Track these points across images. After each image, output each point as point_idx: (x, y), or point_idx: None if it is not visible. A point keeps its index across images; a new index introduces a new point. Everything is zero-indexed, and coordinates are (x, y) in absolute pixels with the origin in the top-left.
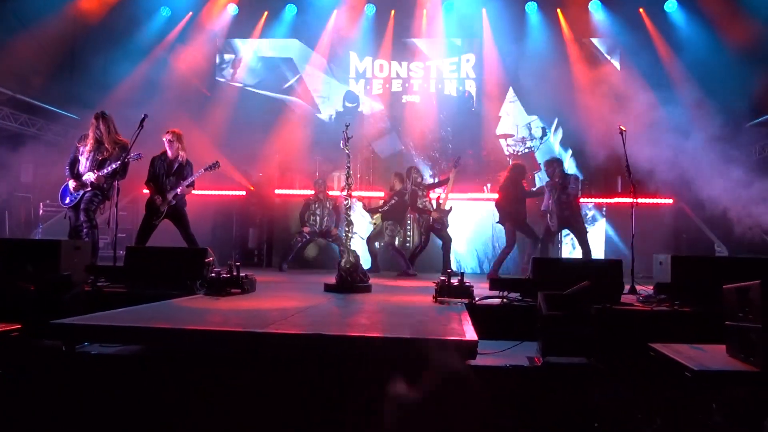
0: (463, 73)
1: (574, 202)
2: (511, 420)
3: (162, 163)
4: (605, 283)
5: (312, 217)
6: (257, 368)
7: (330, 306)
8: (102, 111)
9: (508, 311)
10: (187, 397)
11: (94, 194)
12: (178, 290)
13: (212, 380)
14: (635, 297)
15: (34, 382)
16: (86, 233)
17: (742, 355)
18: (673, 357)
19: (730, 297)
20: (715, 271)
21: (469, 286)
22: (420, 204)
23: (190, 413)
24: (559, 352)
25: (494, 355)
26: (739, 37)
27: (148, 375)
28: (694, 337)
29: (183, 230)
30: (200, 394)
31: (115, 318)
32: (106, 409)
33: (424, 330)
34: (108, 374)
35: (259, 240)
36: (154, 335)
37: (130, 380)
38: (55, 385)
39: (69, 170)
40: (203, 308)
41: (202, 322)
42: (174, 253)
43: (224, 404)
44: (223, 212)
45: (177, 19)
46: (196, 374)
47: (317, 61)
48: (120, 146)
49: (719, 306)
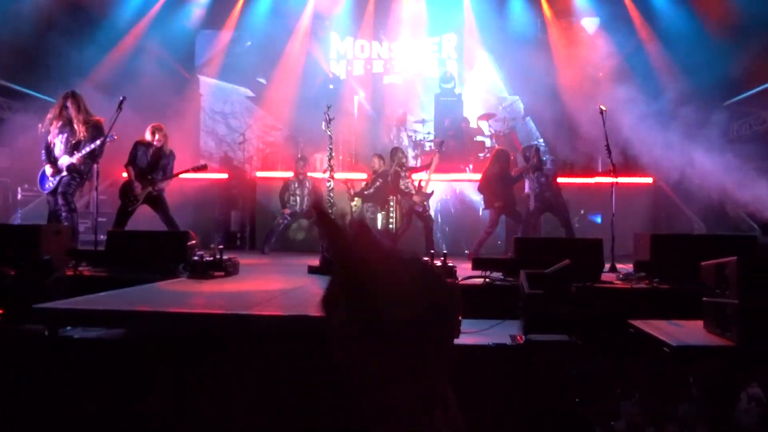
0: (444, 53)
1: (553, 183)
2: (493, 396)
3: (145, 151)
4: (586, 261)
5: (292, 197)
6: (242, 350)
7: (314, 287)
8: (72, 90)
9: (490, 290)
10: (171, 379)
11: (72, 177)
12: (160, 274)
13: (196, 363)
14: (615, 275)
15: (16, 366)
16: (65, 217)
17: (719, 330)
18: (652, 333)
19: (707, 274)
20: (692, 248)
21: (452, 267)
22: (403, 186)
23: (175, 396)
24: (541, 329)
25: (477, 334)
26: (718, 15)
27: (132, 358)
28: (672, 314)
29: (163, 214)
30: (184, 376)
31: (97, 302)
32: (90, 392)
33: None
34: (91, 358)
35: (241, 223)
36: (137, 318)
37: (114, 364)
38: (38, 370)
39: (45, 155)
40: (186, 291)
41: (186, 305)
42: (156, 236)
43: (209, 386)
44: (204, 195)
45: None
46: (180, 357)
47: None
48: (93, 126)
49: (697, 283)
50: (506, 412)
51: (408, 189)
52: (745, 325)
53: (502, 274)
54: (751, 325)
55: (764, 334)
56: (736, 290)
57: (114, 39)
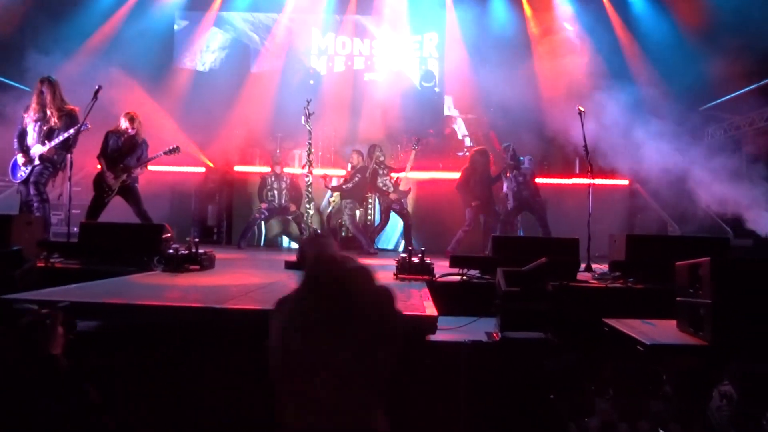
0: (426, 51)
1: (531, 182)
2: (468, 393)
3: (117, 140)
4: (562, 260)
5: (269, 192)
6: (217, 344)
7: (291, 282)
8: (48, 76)
9: (467, 288)
10: (145, 373)
11: (44, 167)
12: (134, 267)
13: (171, 357)
14: (591, 274)
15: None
16: (37, 207)
17: (692, 330)
18: (627, 332)
19: (681, 274)
20: (667, 249)
21: (429, 264)
22: (380, 183)
23: (149, 389)
24: (517, 327)
25: (453, 331)
26: (694, 22)
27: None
28: (646, 313)
29: (135, 207)
30: (158, 370)
31: (68, 293)
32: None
33: None
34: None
35: (218, 217)
36: (110, 310)
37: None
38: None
39: (18, 144)
40: (161, 284)
41: (160, 298)
42: (130, 229)
43: (183, 380)
44: (181, 189)
45: None
46: (154, 350)
47: (279, 37)
48: (67, 114)
49: (671, 283)
50: (481, 408)
51: (386, 187)
52: (718, 324)
53: (479, 272)
54: (723, 324)
55: (736, 333)
56: (709, 290)
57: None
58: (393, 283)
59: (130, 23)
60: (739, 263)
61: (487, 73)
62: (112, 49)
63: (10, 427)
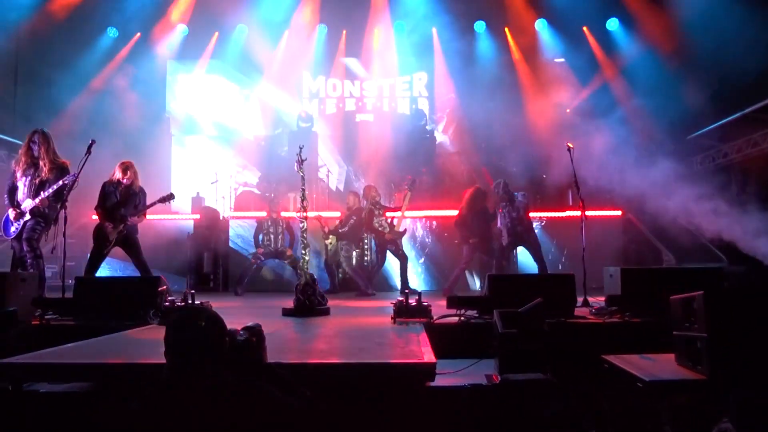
0: (415, 91)
1: (525, 218)
2: None
3: (114, 190)
4: (559, 297)
5: (266, 237)
6: None
7: (288, 331)
8: (41, 129)
9: (465, 329)
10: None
11: (36, 222)
12: (130, 321)
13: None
14: (588, 310)
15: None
16: (30, 264)
17: (690, 364)
18: (625, 368)
19: (676, 307)
20: (662, 282)
21: (426, 306)
22: (376, 223)
23: None
24: (516, 368)
25: (453, 375)
26: (675, 53)
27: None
28: (645, 347)
29: (135, 257)
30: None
31: (63, 354)
32: None
33: (383, 354)
34: (59, 413)
35: (214, 264)
36: (105, 371)
37: (83, 418)
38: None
39: (8, 198)
40: (157, 339)
41: (156, 355)
42: (126, 282)
43: None
44: (176, 237)
45: (125, 40)
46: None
47: (269, 82)
48: (58, 168)
49: (667, 316)
50: None
51: (382, 227)
52: (715, 358)
53: (477, 312)
54: (720, 357)
55: (734, 366)
56: (704, 324)
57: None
58: (391, 328)
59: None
60: (733, 295)
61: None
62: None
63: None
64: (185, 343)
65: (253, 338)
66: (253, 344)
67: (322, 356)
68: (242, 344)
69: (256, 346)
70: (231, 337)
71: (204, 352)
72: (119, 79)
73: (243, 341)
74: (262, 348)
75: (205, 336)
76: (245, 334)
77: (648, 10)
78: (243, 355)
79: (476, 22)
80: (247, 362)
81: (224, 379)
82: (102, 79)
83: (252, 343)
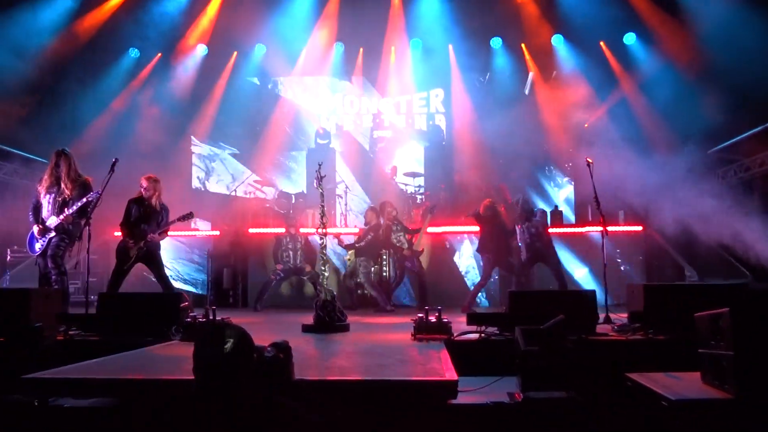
0: (432, 107)
1: (544, 234)
2: None
3: (138, 208)
4: (580, 313)
5: (284, 253)
6: None
7: (308, 348)
8: (62, 148)
9: (486, 346)
10: None
11: (60, 239)
12: (152, 337)
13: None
14: (610, 326)
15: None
16: (55, 280)
17: (717, 382)
18: (650, 386)
19: (701, 325)
20: (686, 298)
21: (447, 323)
22: (394, 239)
23: None
24: (539, 386)
25: (475, 393)
26: (694, 66)
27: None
28: (670, 365)
29: (156, 273)
30: None
31: (87, 370)
32: None
33: (404, 371)
34: (83, 428)
35: (233, 280)
36: (128, 387)
37: None
38: None
39: (33, 216)
40: (179, 355)
41: (179, 371)
42: (148, 298)
43: None
44: (197, 253)
45: (146, 60)
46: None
47: (287, 98)
48: (81, 185)
49: (692, 333)
50: None
51: (399, 243)
52: (742, 377)
53: (498, 329)
54: (748, 376)
55: (762, 386)
56: (731, 341)
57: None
58: (411, 345)
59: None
60: (761, 311)
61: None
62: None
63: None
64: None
65: (281, 354)
66: (281, 361)
67: (343, 373)
68: (270, 361)
69: (284, 363)
70: (259, 353)
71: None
72: (141, 99)
73: (271, 358)
74: (290, 365)
75: (234, 352)
76: (273, 350)
77: (666, 24)
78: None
79: (492, 38)
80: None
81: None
82: (124, 99)
83: (280, 359)
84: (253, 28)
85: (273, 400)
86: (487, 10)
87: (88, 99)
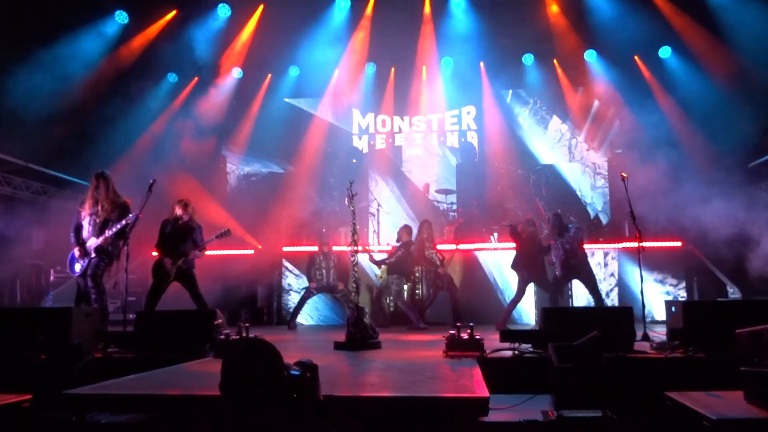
0: (464, 124)
1: (579, 251)
2: None
3: (172, 228)
4: (617, 331)
5: (318, 271)
6: None
7: (340, 365)
8: (102, 171)
9: (519, 363)
10: None
11: (100, 259)
12: (188, 354)
13: None
14: (648, 344)
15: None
16: (94, 299)
17: (761, 401)
18: (690, 406)
19: (743, 341)
20: (726, 315)
21: (479, 340)
22: (427, 254)
23: None
24: (573, 405)
25: (507, 410)
26: (731, 79)
27: None
28: (711, 384)
29: (192, 291)
30: None
31: (125, 386)
32: None
33: (435, 387)
34: None
35: (268, 298)
36: (165, 402)
37: None
38: None
39: (74, 237)
40: (213, 372)
41: (213, 387)
42: (183, 316)
43: None
44: (231, 271)
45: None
46: None
47: (321, 120)
48: (120, 206)
49: (733, 350)
50: None
51: (432, 259)
52: None
53: (531, 346)
54: None
55: None
56: None
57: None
58: (443, 361)
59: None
60: None
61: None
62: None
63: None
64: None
65: (307, 373)
66: (307, 380)
67: (375, 389)
68: (297, 380)
69: (310, 382)
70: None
71: (262, 386)
72: (179, 121)
73: (297, 377)
74: (317, 384)
75: (264, 370)
76: (299, 369)
77: (701, 37)
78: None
79: (524, 54)
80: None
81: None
82: (162, 122)
83: (306, 378)
84: (286, 50)
85: (300, 419)
86: (519, 26)
87: (128, 123)
